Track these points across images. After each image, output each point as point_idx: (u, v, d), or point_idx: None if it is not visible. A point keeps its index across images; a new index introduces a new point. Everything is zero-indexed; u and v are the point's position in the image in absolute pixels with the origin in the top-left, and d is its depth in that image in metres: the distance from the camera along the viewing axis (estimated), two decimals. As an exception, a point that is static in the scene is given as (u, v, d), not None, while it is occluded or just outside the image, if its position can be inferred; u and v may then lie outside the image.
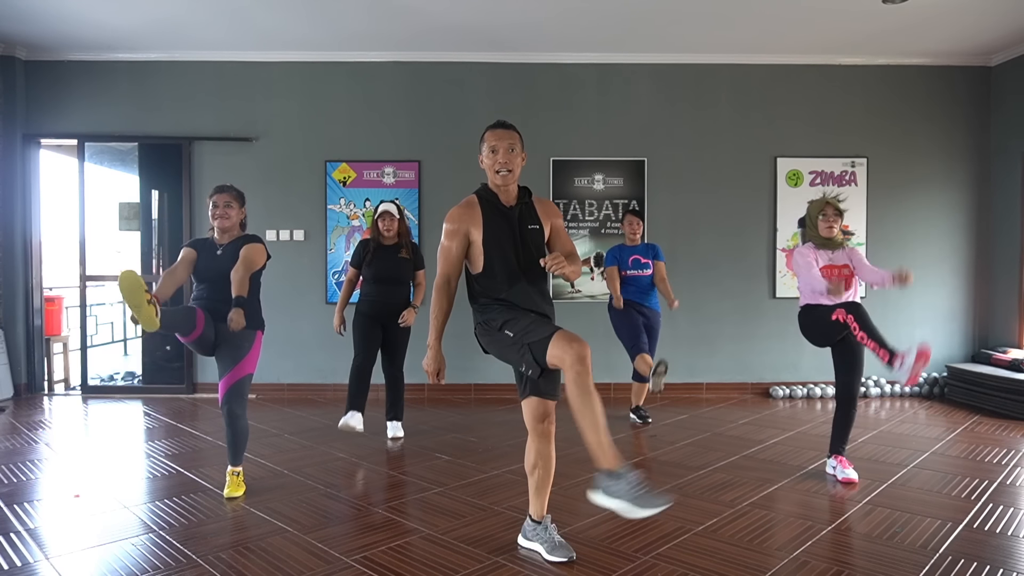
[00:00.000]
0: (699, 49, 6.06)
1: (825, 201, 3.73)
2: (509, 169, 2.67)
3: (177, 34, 5.74)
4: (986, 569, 2.63)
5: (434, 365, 2.68)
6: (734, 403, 5.92)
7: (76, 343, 7.05)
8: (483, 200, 2.71)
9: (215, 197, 3.52)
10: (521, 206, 2.75)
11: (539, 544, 2.79)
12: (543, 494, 2.84)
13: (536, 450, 2.82)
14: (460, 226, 2.65)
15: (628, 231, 5.11)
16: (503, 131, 2.73)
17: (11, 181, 6.12)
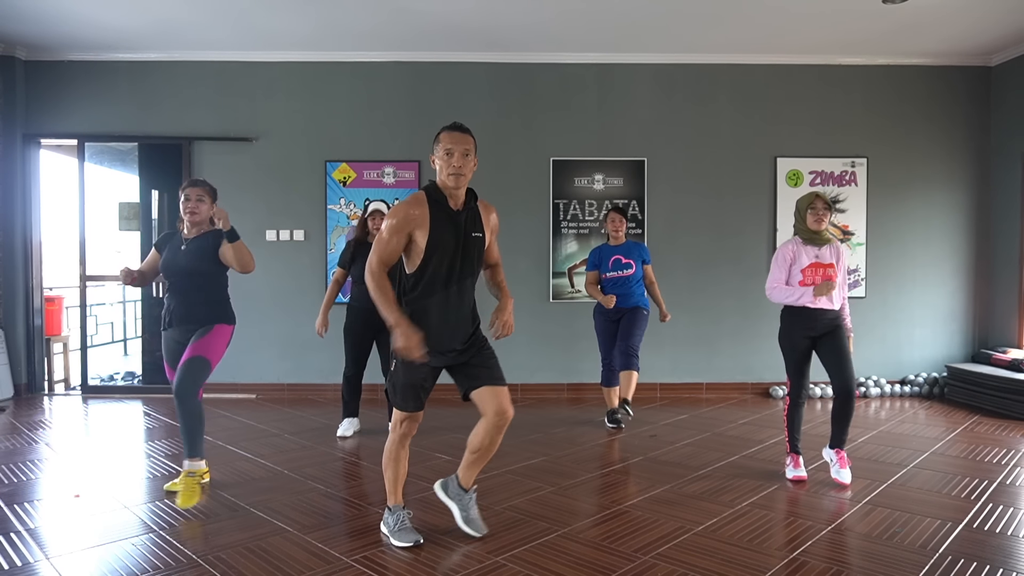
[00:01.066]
0: (699, 49, 6.06)
1: (815, 194, 3.71)
2: (462, 174, 2.69)
3: (177, 34, 5.74)
4: (986, 569, 2.63)
5: (413, 337, 2.61)
6: (734, 403, 5.91)
7: (76, 343, 7.05)
8: (432, 201, 2.71)
9: (188, 190, 3.52)
10: (467, 211, 2.77)
11: (457, 506, 3.00)
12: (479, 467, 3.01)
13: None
14: (406, 225, 2.66)
15: (611, 229, 5.02)
16: (460, 135, 2.74)
17: (11, 181, 6.12)
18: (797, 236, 3.77)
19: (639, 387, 6.19)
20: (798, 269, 3.69)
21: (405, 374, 2.76)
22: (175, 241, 3.59)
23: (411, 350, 2.62)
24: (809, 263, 3.69)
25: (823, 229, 3.70)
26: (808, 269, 3.68)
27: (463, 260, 2.75)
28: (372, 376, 6.09)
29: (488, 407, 2.81)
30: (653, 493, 3.55)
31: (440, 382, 2.92)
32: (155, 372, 6.54)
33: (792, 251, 3.71)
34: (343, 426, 4.81)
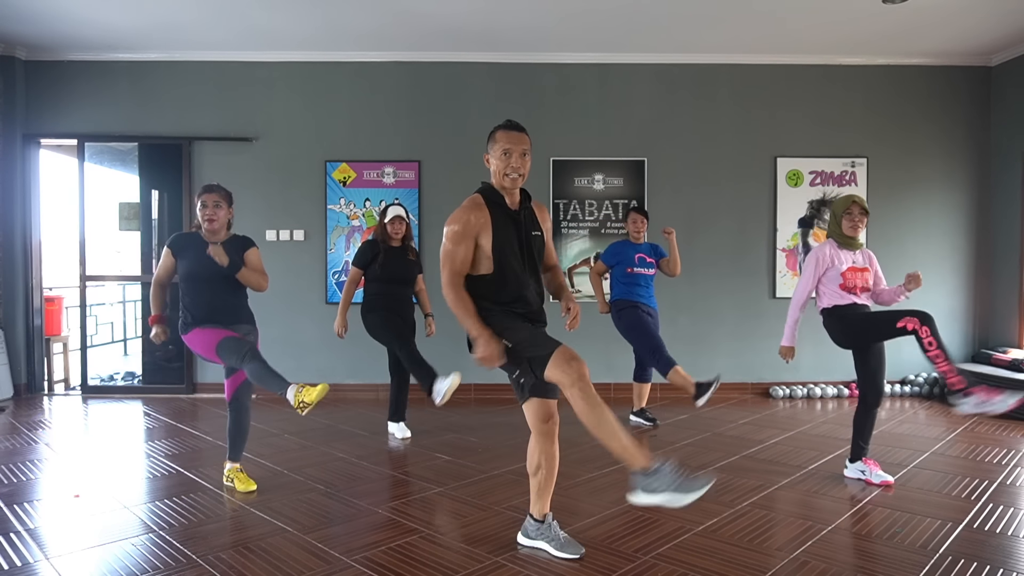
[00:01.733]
0: (699, 49, 6.06)
1: (852, 200, 3.62)
2: (521, 174, 2.63)
3: (177, 34, 5.74)
4: (986, 569, 2.63)
5: (496, 347, 2.55)
6: (734, 403, 5.91)
7: (76, 343, 7.05)
8: (490, 202, 2.65)
9: (204, 196, 3.49)
10: (524, 210, 2.72)
11: (545, 542, 2.79)
12: (547, 493, 2.84)
13: (541, 450, 2.80)
14: (469, 230, 2.58)
15: (632, 229, 5.02)
16: (518, 134, 2.66)
17: (11, 181, 6.12)
18: (831, 239, 3.73)
19: (639, 387, 6.21)
20: (836, 272, 3.63)
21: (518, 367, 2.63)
22: (198, 244, 3.50)
23: (492, 360, 2.56)
24: (848, 266, 3.64)
25: (858, 235, 3.66)
26: (848, 272, 3.62)
27: (528, 259, 2.70)
28: (374, 376, 6.10)
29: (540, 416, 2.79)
30: (653, 493, 3.54)
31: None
32: (155, 372, 6.55)
33: (829, 254, 3.66)
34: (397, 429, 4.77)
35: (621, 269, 4.95)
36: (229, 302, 3.55)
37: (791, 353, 3.76)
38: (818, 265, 3.65)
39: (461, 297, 2.59)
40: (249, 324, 3.65)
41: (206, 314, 3.46)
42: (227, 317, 3.51)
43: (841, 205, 3.67)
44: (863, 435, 3.71)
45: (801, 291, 3.71)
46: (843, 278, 3.61)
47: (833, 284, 3.64)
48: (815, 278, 3.67)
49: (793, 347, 3.75)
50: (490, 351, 2.55)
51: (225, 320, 3.50)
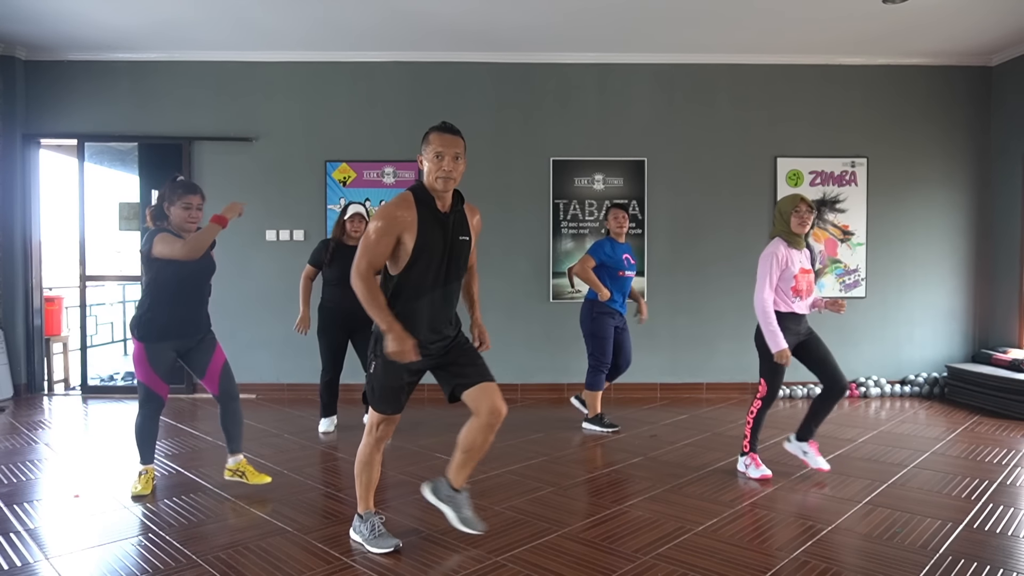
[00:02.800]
0: (699, 49, 6.06)
1: (799, 197, 3.65)
2: (453, 177, 2.64)
3: (177, 34, 5.74)
4: (986, 569, 2.63)
5: (407, 342, 2.56)
6: (734, 403, 5.91)
7: (76, 343, 7.05)
8: (420, 202, 2.65)
9: (189, 198, 3.36)
10: (455, 213, 2.73)
11: (451, 509, 2.89)
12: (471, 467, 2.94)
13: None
14: (395, 227, 2.59)
15: (614, 226, 4.85)
16: (451, 137, 2.67)
17: (11, 181, 6.12)
18: (779, 238, 3.71)
19: (639, 387, 6.22)
20: (790, 274, 3.64)
21: (385, 376, 2.71)
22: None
23: (405, 354, 2.56)
24: (800, 268, 3.65)
25: (805, 233, 3.67)
26: (800, 274, 3.65)
27: (450, 264, 2.71)
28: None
29: (481, 406, 2.78)
30: (653, 493, 3.55)
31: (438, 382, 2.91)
32: (155, 372, 6.53)
33: (784, 255, 3.65)
34: (325, 424, 4.95)
35: (611, 271, 4.80)
36: (199, 313, 3.56)
37: (787, 355, 3.71)
38: (778, 263, 3.63)
39: (372, 289, 2.60)
40: (207, 329, 3.64)
41: (170, 330, 3.42)
42: (193, 329, 3.52)
43: (789, 203, 3.65)
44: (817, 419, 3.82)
45: (768, 294, 3.66)
46: (795, 280, 3.64)
47: (785, 285, 3.65)
48: (775, 277, 3.65)
49: (786, 348, 3.70)
50: (403, 345, 2.56)
51: (190, 332, 3.50)
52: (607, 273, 4.79)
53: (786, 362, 3.67)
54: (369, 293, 2.59)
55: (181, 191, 3.37)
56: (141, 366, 3.43)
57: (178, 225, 3.38)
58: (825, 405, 3.79)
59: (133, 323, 3.43)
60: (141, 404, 3.51)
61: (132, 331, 3.44)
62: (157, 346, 3.41)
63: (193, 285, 3.47)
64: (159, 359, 3.44)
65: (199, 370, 3.58)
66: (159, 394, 3.50)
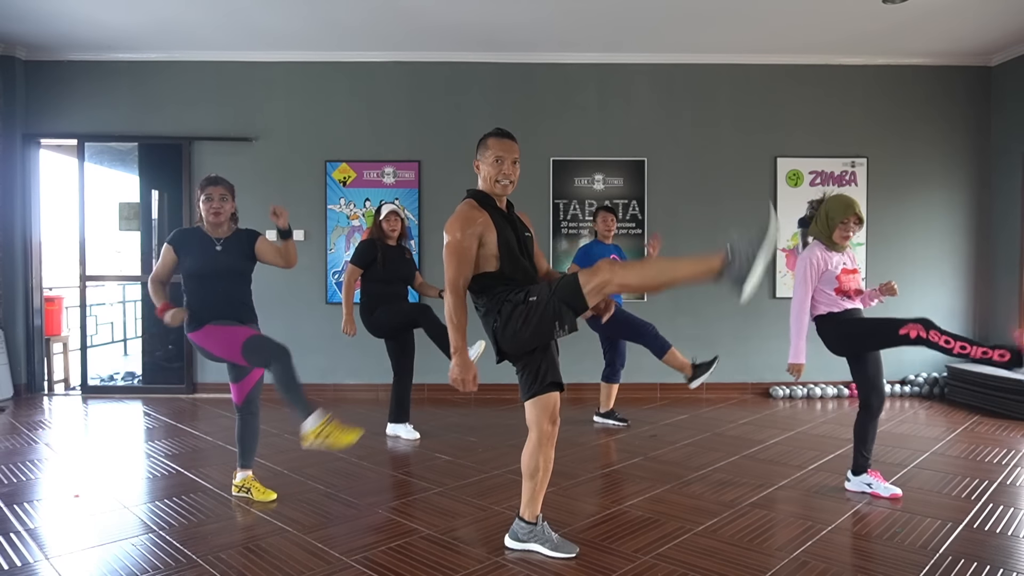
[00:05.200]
0: (699, 49, 6.06)
1: (853, 210, 3.41)
2: (512, 181, 2.69)
3: (177, 34, 5.74)
4: (986, 569, 2.63)
5: (468, 372, 2.60)
6: (734, 403, 5.91)
7: (76, 343, 7.05)
8: (484, 205, 2.68)
9: (209, 189, 3.34)
10: (512, 214, 2.79)
11: (538, 544, 2.78)
12: (541, 496, 2.82)
13: (542, 454, 2.74)
14: (475, 228, 2.59)
15: (603, 228, 4.94)
16: (510, 143, 2.70)
17: (11, 181, 6.12)
18: (818, 241, 3.53)
19: (640, 387, 6.22)
20: (831, 276, 3.46)
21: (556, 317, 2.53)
22: (202, 240, 3.36)
23: (466, 383, 2.59)
24: (842, 269, 3.48)
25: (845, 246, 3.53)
26: (843, 275, 3.46)
27: (526, 259, 2.74)
28: (374, 376, 6.10)
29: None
30: (653, 493, 3.55)
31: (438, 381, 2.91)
32: (155, 372, 6.55)
33: (821, 257, 3.47)
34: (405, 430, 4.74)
35: None
36: (240, 299, 3.41)
37: (801, 370, 3.50)
38: (815, 268, 3.46)
39: (460, 307, 2.59)
40: (256, 323, 3.50)
41: (217, 313, 3.28)
42: (238, 316, 3.37)
43: (840, 211, 3.43)
44: (866, 445, 3.50)
45: (802, 298, 3.47)
46: (838, 281, 3.46)
47: (828, 288, 3.48)
48: (813, 282, 3.47)
49: (803, 363, 3.48)
50: (465, 373, 2.58)
51: (235, 317, 3.35)
52: None
53: (796, 375, 3.50)
54: (457, 310, 2.58)
55: (204, 184, 3.38)
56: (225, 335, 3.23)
57: (205, 218, 3.37)
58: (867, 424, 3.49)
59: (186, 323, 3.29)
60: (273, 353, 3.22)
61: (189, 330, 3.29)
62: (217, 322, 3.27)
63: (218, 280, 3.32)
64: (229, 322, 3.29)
65: (236, 373, 3.47)
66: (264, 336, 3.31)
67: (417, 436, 4.69)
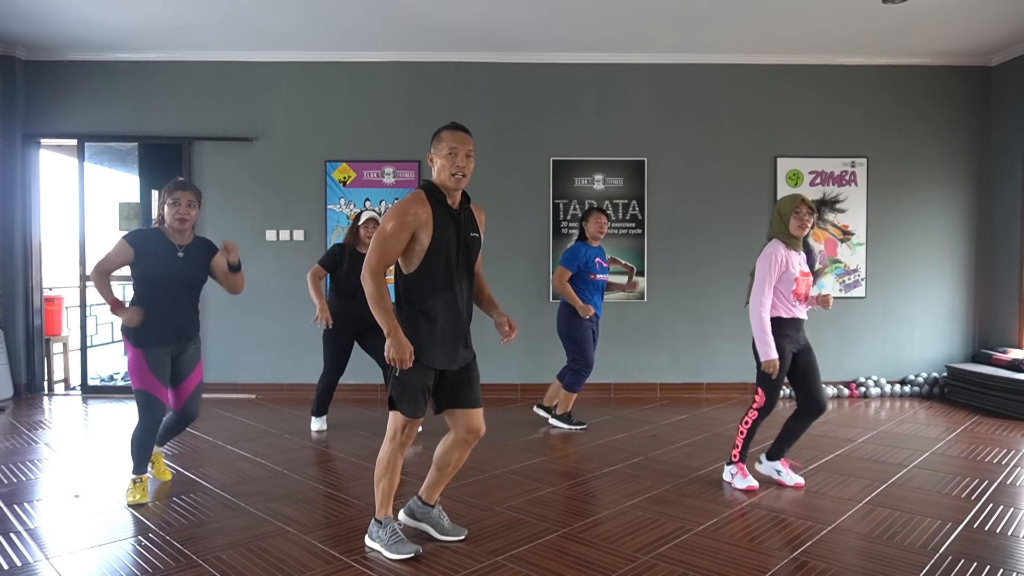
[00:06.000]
0: (699, 49, 6.06)
1: (800, 198, 3.48)
2: (465, 174, 2.69)
3: (177, 34, 5.74)
4: (986, 569, 2.63)
5: (406, 348, 2.60)
6: (734, 403, 5.91)
7: (76, 343, 7.05)
8: (433, 199, 2.68)
9: (177, 194, 3.28)
10: (464, 211, 2.77)
11: (428, 525, 2.94)
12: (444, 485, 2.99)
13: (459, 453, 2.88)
14: (411, 223, 2.61)
15: (595, 230, 4.85)
16: (464, 135, 2.73)
17: (11, 181, 6.12)
18: (777, 239, 3.54)
19: (640, 387, 6.23)
20: (790, 277, 3.47)
21: (413, 378, 2.67)
22: (163, 245, 3.32)
23: (403, 361, 2.60)
24: (800, 271, 3.50)
25: (805, 235, 3.53)
26: (801, 277, 3.49)
27: (462, 260, 2.74)
28: (374, 376, 6.10)
29: (460, 425, 2.81)
30: (653, 493, 3.55)
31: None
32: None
33: (784, 257, 3.47)
34: (318, 423, 4.96)
35: (584, 275, 4.77)
36: (188, 315, 3.42)
37: (778, 365, 3.49)
38: (777, 264, 3.45)
39: (380, 288, 2.62)
40: (197, 338, 3.53)
41: (161, 334, 3.30)
42: (182, 335, 3.39)
43: (789, 204, 3.49)
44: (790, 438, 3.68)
45: (765, 296, 3.46)
46: (796, 283, 3.46)
47: (785, 289, 3.48)
48: (773, 280, 3.46)
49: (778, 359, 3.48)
50: (402, 352, 2.60)
51: (180, 338, 3.38)
52: (580, 277, 4.79)
53: (774, 372, 3.48)
54: (378, 292, 2.61)
55: (171, 187, 3.32)
56: (139, 373, 3.29)
57: (168, 222, 3.32)
58: (800, 424, 3.64)
59: (125, 328, 3.31)
60: (142, 414, 3.33)
61: (126, 336, 3.31)
62: (153, 351, 3.30)
63: (175, 288, 3.33)
64: (158, 363, 3.31)
65: (175, 379, 3.44)
66: (162, 400, 3.35)
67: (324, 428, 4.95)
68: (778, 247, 3.51)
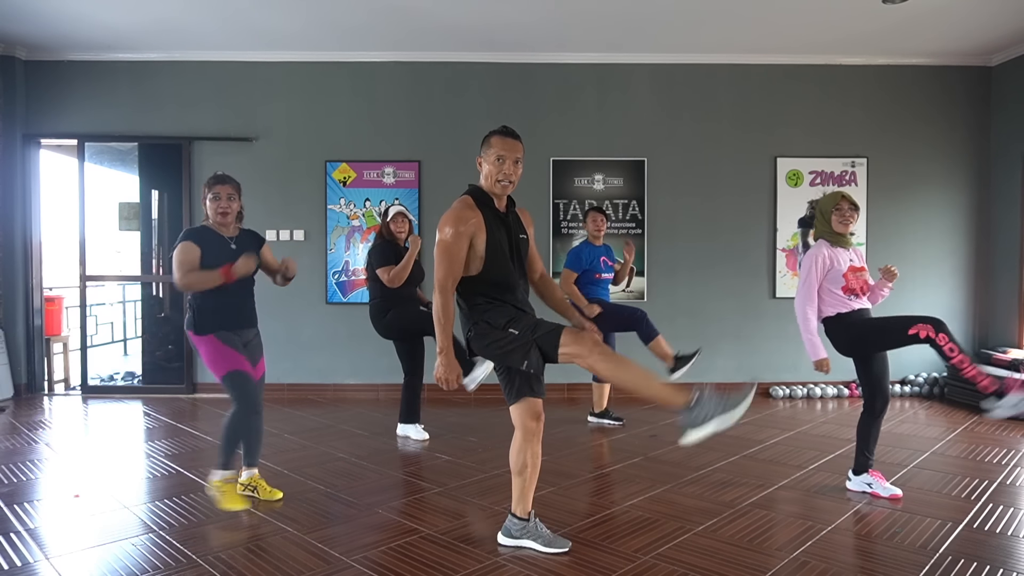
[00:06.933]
0: (699, 49, 6.06)
1: (841, 195, 3.45)
2: (512, 181, 2.69)
3: (177, 34, 5.74)
4: (986, 569, 2.63)
5: (452, 372, 2.63)
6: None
7: (76, 343, 7.05)
8: (481, 204, 2.69)
9: (217, 188, 3.30)
10: (511, 214, 2.78)
11: (531, 540, 2.80)
12: (531, 492, 2.84)
13: (529, 450, 2.76)
14: (466, 228, 2.60)
15: (593, 229, 4.88)
16: (514, 142, 2.70)
17: (11, 181, 6.12)
18: (823, 239, 3.53)
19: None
20: (837, 274, 3.44)
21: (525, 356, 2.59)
22: (216, 239, 3.33)
23: (450, 382, 2.62)
24: (848, 267, 3.45)
25: (848, 232, 3.50)
26: (849, 273, 3.44)
27: (516, 262, 2.73)
28: (374, 376, 6.11)
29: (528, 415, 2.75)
30: (653, 493, 3.55)
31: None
32: (155, 372, 6.54)
33: (828, 255, 3.45)
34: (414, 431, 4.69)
35: (589, 275, 4.81)
36: (247, 303, 3.45)
37: (828, 363, 3.45)
38: (820, 266, 3.45)
39: (448, 306, 2.61)
40: (257, 327, 3.57)
41: (225, 318, 3.30)
42: (244, 320, 3.42)
43: (830, 202, 3.49)
44: (868, 445, 3.50)
45: (806, 295, 3.45)
46: (845, 280, 3.43)
47: (835, 287, 3.44)
48: (818, 279, 3.46)
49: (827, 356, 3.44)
50: (449, 373, 2.62)
51: (243, 323, 3.39)
52: (584, 277, 4.81)
53: (826, 371, 3.45)
54: (444, 309, 2.60)
55: (211, 182, 3.34)
56: (221, 356, 3.23)
57: (211, 217, 3.34)
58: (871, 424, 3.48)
59: (189, 322, 3.29)
60: (238, 400, 3.26)
61: (195, 331, 3.27)
62: (223, 333, 3.27)
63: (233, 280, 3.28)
64: (233, 343, 3.29)
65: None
66: (250, 375, 3.31)
67: (426, 437, 4.65)
68: (821, 247, 3.49)
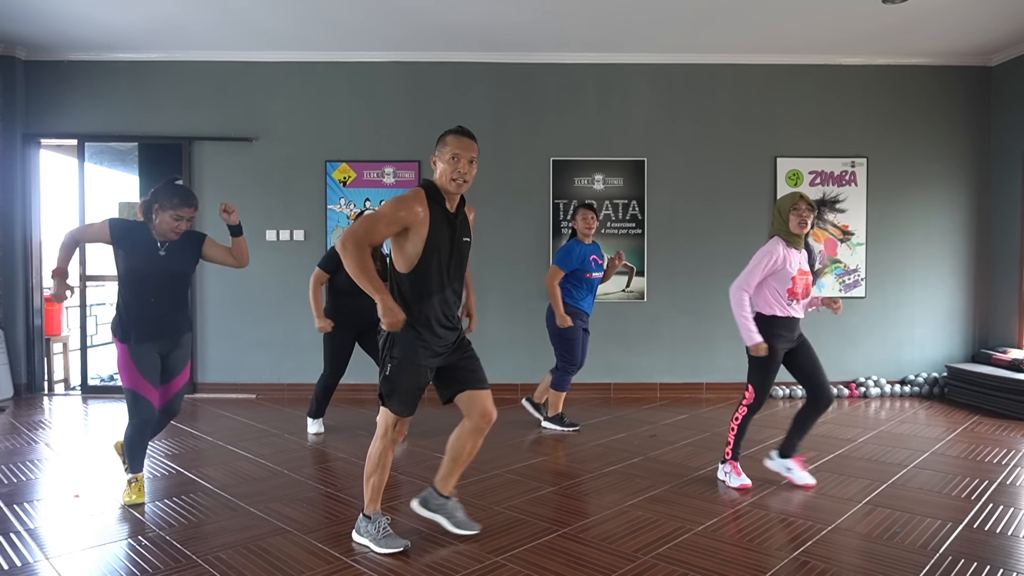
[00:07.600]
0: (699, 49, 6.06)
1: (799, 195, 3.48)
2: (466, 180, 2.68)
3: (177, 34, 5.74)
4: (986, 569, 2.63)
5: (398, 313, 2.59)
6: (734, 403, 5.90)
7: (76, 343, 7.05)
8: (432, 200, 2.68)
9: (183, 211, 3.22)
10: (459, 215, 2.79)
11: (443, 517, 2.97)
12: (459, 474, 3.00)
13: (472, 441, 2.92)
14: (408, 215, 2.60)
15: (583, 227, 4.75)
16: (469, 141, 2.70)
17: (11, 181, 6.12)
18: (779, 237, 3.55)
19: (639, 387, 6.23)
20: (787, 275, 3.47)
21: (407, 378, 2.72)
22: (145, 240, 3.27)
23: (396, 325, 2.61)
24: (798, 269, 3.51)
25: (805, 233, 3.52)
26: (798, 276, 3.50)
27: (454, 264, 2.76)
28: (374, 376, 6.10)
29: (474, 410, 2.84)
30: (653, 493, 3.55)
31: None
32: (155, 372, 6.53)
33: (783, 255, 3.48)
34: (315, 425, 4.88)
35: (578, 275, 4.70)
36: (173, 313, 3.36)
37: (765, 347, 3.47)
38: (772, 263, 3.46)
39: (364, 256, 2.58)
40: (188, 332, 3.48)
41: (141, 330, 3.25)
42: (166, 330, 3.34)
43: (788, 201, 3.50)
44: (800, 434, 3.68)
45: (746, 283, 3.48)
46: (792, 282, 3.47)
47: (782, 288, 3.48)
48: (763, 275, 3.48)
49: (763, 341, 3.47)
50: (394, 316, 2.60)
51: (163, 333, 3.32)
52: (574, 276, 4.71)
53: (764, 354, 3.46)
54: (362, 260, 2.57)
55: (178, 201, 3.21)
56: (126, 370, 3.25)
57: (162, 231, 3.26)
58: (810, 418, 3.64)
59: (113, 324, 3.30)
60: (130, 413, 3.31)
61: (113, 333, 3.30)
62: (140, 347, 3.26)
63: (159, 282, 3.29)
64: (144, 361, 3.26)
65: (164, 377, 3.39)
66: (149, 400, 3.28)
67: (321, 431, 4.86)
68: (777, 244, 3.53)
